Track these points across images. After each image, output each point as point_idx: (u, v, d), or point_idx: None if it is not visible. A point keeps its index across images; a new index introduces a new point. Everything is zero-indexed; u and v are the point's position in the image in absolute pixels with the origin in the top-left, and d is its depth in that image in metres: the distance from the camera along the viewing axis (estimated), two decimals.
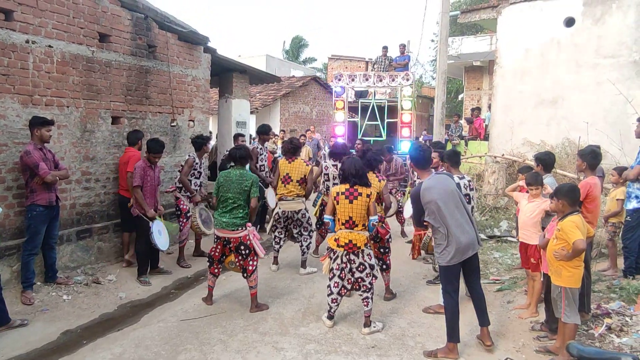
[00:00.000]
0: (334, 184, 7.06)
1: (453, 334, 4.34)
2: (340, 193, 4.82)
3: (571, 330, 4.02)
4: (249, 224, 5.31)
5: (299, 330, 4.88)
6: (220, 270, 5.56)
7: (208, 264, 5.50)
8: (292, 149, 6.77)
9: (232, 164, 5.56)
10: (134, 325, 4.97)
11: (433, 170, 5.35)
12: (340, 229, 4.82)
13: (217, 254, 5.40)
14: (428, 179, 4.35)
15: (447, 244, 4.26)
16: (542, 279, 4.93)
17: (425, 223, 4.50)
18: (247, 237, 5.26)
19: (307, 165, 6.65)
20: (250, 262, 5.29)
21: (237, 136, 8.82)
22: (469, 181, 5.48)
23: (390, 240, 5.73)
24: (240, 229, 5.24)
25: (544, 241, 4.49)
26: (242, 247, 5.26)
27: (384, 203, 5.69)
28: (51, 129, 5.47)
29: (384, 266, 5.71)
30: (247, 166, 5.63)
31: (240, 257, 5.30)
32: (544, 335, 4.63)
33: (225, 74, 10.33)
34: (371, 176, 5.54)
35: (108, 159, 6.70)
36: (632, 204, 5.56)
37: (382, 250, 5.67)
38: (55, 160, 5.58)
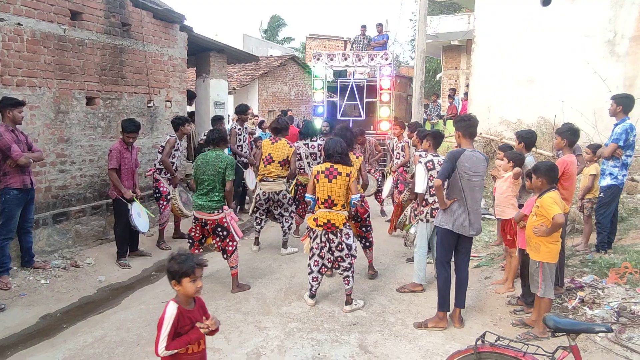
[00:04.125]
0: (308, 162, 7.08)
1: (444, 303, 4.48)
2: (320, 172, 4.83)
3: (547, 304, 4.15)
4: (226, 207, 5.28)
5: (281, 309, 4.91)
6: (201, 251, 5.54)
7: (188, 244, 5.48)
8: (278, 129, 6.73)
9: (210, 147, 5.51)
10: (114, 308, 4.94)
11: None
12: (320, 208, 4.84)
13: (196, 235, 5.38)
14: (471, 151, 4.37)
15: (455, 212, 4.35)
16: (518, 255, 5.07)
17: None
18: (224, 220, 5.24)
19: (290, 146, 6.62)
20: (230, 243, 5.29)
21: (216, 120, 8.49)
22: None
23: (368, 218, 5.77)
24: (216, 211, 5.21)
25: (519, 215, 4.62)
26: (220, 229, 5.25)
27: (361, 180, 5.68)
28: (23, 110, 5.32)
29: (367, 243, 5.77)
30: (227, 149, 5.58)
31: (218, 239, 5.30)
32: (520, 309, 4.77)
33: (203, 54, 10.14)
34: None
35: (83, 140, 6.56)
36: (606, 181, 5.69)
37: (364, 228, 5.72)
38: (29, 142, 5.44)
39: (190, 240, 5.43)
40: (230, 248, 5.29)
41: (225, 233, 5.26)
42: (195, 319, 2.68)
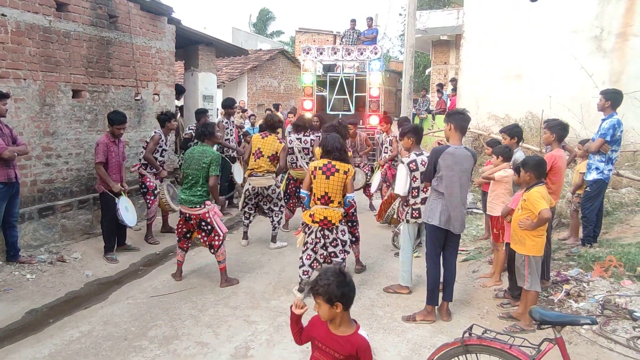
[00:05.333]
0: (300, 157, 7.06)
1: (433, 297, 4.50)
2: (317, 168, 4.82)
3: (533, 297, 4.19)
4: (208, 202, 5.23)
5: (269, 303, 4.91)
6: (190, 245, 5.52)
7: (177, 239, 5.47)
8: (272, 125, 6.72)
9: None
10: (102, 303, 4.91)
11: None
12: (316, 204, 4.82)
13: (181, 230, 5.37)
14: (455, 147, 4.36)
15: (441, 208, 4.36)
16: (505, 249, 5.11)
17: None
18: (207, 215, 5.21)
19: (279, 142, 6.60)
20: (215, 238, 5.27)
21: (200, 113, 8.14)
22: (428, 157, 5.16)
23: (355, 213, 5.77)
24: (198, 206, 5.17)
25: (505, 209, 4.65)
26: (204, 224, 5.23)
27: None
28: (7, 103, 5.25)
29: (353, 238, 5.78)
30: (215, 147, 5.58)
31: (204, 234, 5.28)
32: (507, 302, 4.81)
33: (191, 47, 10.05)
34: None
35: (70, 134, 6.48)
36: (592, 175, 5.74)
37: (350, 223, 5.72)
38: (13, 135, 5.36)
39: (178, 236, 5.43)
40: (216, 243, 5.27)
41: (209, 228, 5.24)
42: (327, 344, 2.41)
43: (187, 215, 5.24)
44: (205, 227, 5.24)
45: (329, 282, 2.35)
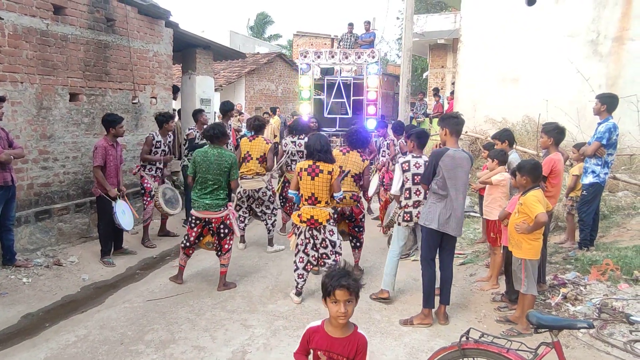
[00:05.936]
0: (293, 160, 7.07)
1: (429, 300, 4.50)
2: (303, 169, 4.85)
3: (530, 300, 4.19)
4: (230, 204, 5.31)
5: (267, 307, 4.90)
6: (193, 251, 5.50)
7: (182, 245, 5.40)
8: (257, 126, 6.75)
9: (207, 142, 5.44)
10: (98, 307, 4.89)
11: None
12: (304, 204, 4.85)
13: (196, 235, 5.30)
14: (455, 150, 4.37)
15: (440, 211, 4.36)
16: (502, 252, 5.12)
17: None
18: (228, 216, 5.24)
19: (267, 143, 6.64)
20: (228, 241, 5.30)
21: (197, 113, 7.93)
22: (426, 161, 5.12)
23: (363, 219, 5.78)
24: (222, 209, 5.21)
25: (503, 213, 4.66)
26: (222, 227, 5.24)
27: (362, 182, 5.62)
28: (3, 106, 5.23)
29: (357, 244, 5.79)
30: None
31: (217, 237, 5.28)
32: (504, 305, 4.82)
33: (188, 50, 10.07)
34: (355, 155, 5.53)
35: (67, 137, 6.47)
36: (588, 179, 5.76)
37: (356, 229, 5.73)
38: (10, 138, 5.35)
39: (187, 242, 5.35)
40: (227, 246, 5.30)
41: (226, 231, 5.26)
42: (330, 349, 2.33)
43: (207, 219, 5.21)
44: (223, 231, 5.25)
45: (357, 279, 2.37)
